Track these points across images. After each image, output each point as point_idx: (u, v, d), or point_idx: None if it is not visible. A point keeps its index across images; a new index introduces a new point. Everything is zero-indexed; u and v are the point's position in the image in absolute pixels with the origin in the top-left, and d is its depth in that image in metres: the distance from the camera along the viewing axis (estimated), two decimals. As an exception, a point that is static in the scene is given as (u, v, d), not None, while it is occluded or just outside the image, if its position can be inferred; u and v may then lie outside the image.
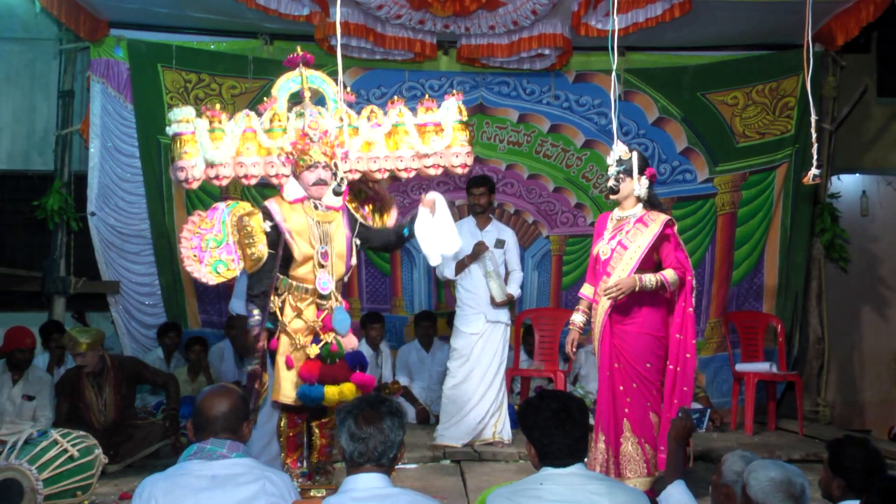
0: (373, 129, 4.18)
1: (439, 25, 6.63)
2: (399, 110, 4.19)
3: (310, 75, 4.22)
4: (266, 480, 2.50)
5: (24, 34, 7.43)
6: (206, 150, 3.98)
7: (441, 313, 7.22)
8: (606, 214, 4.60)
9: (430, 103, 4.20)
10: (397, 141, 4.17)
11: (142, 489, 2.52)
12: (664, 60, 7.27)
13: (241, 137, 4.05)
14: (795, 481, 2.54)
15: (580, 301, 4.66)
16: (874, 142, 8.14)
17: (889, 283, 8.27)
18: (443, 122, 4.17)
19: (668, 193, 7.25)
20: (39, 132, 7.56)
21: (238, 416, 2.65)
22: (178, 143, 4.01)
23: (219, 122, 4.06)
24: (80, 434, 4.50)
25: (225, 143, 4.01)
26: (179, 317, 6.98)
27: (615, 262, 4.37)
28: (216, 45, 7.00)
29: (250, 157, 4.05)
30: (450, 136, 4.16)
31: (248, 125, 4.08)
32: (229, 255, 3.99)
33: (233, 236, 3.99)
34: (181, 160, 4.00)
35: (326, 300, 4.06)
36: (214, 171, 4.00)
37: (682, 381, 4.41)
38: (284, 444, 4.19)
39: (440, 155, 4.16)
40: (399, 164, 4.17)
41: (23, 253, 7.62)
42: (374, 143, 4.17)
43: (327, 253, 4.05)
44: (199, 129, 4.01)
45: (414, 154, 4.16)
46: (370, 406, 2.46)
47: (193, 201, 6.96)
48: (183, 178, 4.02)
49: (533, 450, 2.59)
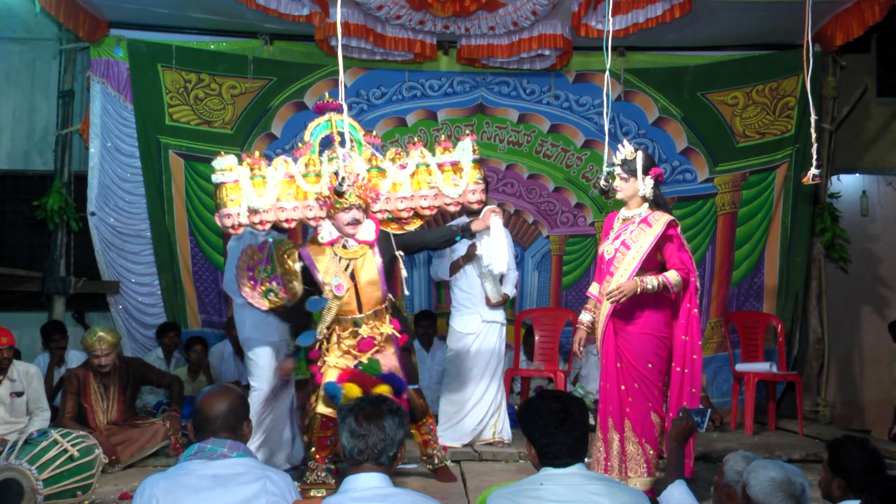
0: (399, 171, 4.49)
1: (439, 26, 6.64)
2: (421, 151, 4.52)
3: (339, 120, 4.45)
4: (266, 480, 2.50)
5: (24, 34, 7.44)
6: (250, 199, 4.23)
7: (441, 313, 7.22)
8: (614, 214, 4.60)
9: (446, 144, 4.55)
10: (420, 181, 4.50)
11: (142, 489, 2.51)
12: (664, 60, 7.27)
13: (281, 183, 4.30)
14: (795, 481, 2.54)
15: (588, 300, 4.64)
16: (874, 142, 8.14)
17: (889, 283, 8.28)
18: (460, 160, 4.50)
19: (668, 193, 7.21)
20: (39, 132, 7.56)
21: (237, 415, 2.64)
22: (223, 192, 4.24)
23: (259, 168, 4.29)
24: (81, 434, 4.51)
25: (267, 189, 4.27)
26: (179, 317, 6.98)
27: (618, 262, 4.37)
28: (216, 45, 7.00)
29: (290, 202, 4.31)
30: (468, 175, 4.50)
31: (287, 171, 4.33)
32: (278, 285, 4.43)
33: (279, 269, 4.43)
34: (227, 207, 4.24)
35: (360, 326, 4.43)
36: (258, 216, 4.26)
37: (689, 382, 4.43)
38: (315, 443, 4.53)
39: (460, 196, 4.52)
40: (423, 203, 4.50)
41: (23, 253, 7.62)
42: (400, 185, 4.49)
43: (342, 286, 4.36)
44: (242, 177, 4.25)
45: (436, 193, 4.50)
46: (371, 404, 2.48)
47: (194, 202, 6.98)
48: (230, 224, 4.28)
49: (533, 450, 2.59)
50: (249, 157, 4.30)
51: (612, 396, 4.35)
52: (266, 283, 4.41)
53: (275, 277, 4.41)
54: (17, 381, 5.22)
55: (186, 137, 6.94)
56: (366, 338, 4.41)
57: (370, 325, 4.43)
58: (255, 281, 4.41)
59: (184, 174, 6.95)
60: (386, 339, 4.46)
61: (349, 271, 4.38)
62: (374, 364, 4.36)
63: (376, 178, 4.44)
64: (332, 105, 4.46)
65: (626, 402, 4.32)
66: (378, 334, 4.44)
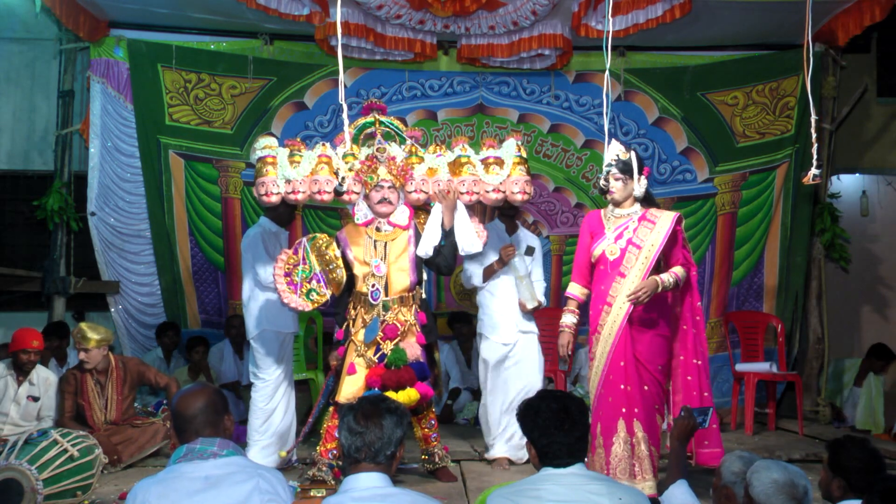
0: (437, 158, 4.61)
1: (439, 26, 6.64)
2: (462, 146, 4.64)
3: (383, 119, 4.67)
4: (259, 478, 2.47)
5: (24, 34, 7.44)
6: (285, 170, 4.44)
7: (441, 313, 7.22)
8: (597, 213, 4.55)
9: (492, 142, 4.69)
10: (460, 171, 4.60)
11: (134, 494, 2.46)
12: (664, 60, 7.27)
13: (317, 160, 4.46)
14: (798, 483, 2.54)
15: (568, 302, 4.56)
16: (874, 142, 8.15)
17: (889, 283, 8.28)
18: (503, 156, 4.63)
19: (668, 193, 7.26)
20: (39, 132, 7.56)
21: (216, 410, 2.58)
22: (260, 165, 4.48)
23: (298, 149, 4.50)
24: (81, 434, 4.51)
25: (302, 164, 4.45)
26: (179, 317, 6.98)
27: (629, 262, 4.32)
28: (216, 45, 7.00)
29: (324, 176, 4.44)
30: (509, 168, 4.61)
31: (323, 152, 4.50)
32: (318, 282, 4.50)
33: (318, 266, 4.50)
34: (262, 177, 4.46)
35: (388, 311, 4.51)
36: (291, 186, 4.44)
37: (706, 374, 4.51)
38: (324, 433, 4.59)
39: (502, 183, 4.60)
40: (461, 188, 4.58)
41: (23, 253, 7.62)
42: (437, 169, 4.60)
43: (381, 265, 4.52)
44: (281, 154, 4.48)
45: (475, 180, 4.58)
46: (370, 403, 2.48)
47: (194, 202, 6.98)
48: (263, 192, 4.47)
49: (533, 450, 2.60)
50: (290, 140, 4.55)
51: (618, 398, 4.27)
52: (306, 284, 4.48)
53: (314, 276, 4.48)
54: (36, 385, 5.26)
55: (186, 137, 6.94)
56: (391, 324, 4.47)
57: (395, 309, 4.51)
58: (294, 285, 4.47)
59: (184, 174, 6.95)
60: (409, 328, 4.53)
61: (383, 253, 4.53)
62: (399, 353, 4.42)
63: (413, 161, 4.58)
64: (377, 105, 4.71)
65: (634, 402, 4.26)
66: (401, 322, 4.51)
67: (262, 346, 5.05)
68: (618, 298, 4.30)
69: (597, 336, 4.36)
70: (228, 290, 7.02)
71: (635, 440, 4.24)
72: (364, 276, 4.55)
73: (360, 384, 4.45)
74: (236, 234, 6.88)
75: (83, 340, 5.18)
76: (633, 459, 4.22)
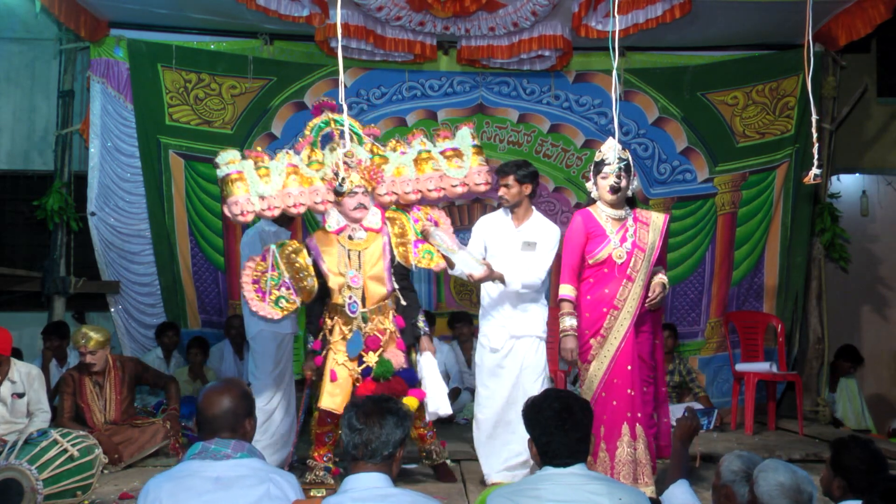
0: (402, 157, 4.56)
1: (439, 27, 6.63)
2: (421, 140, 4.60)
3: (337, 118, 4.53)
4: (271, 483, 2.47)
5: (24, 34, 7.44)
6: (256, 186, 4.30)
7: (440, 313, 7.23)
8: (588, 213, 4.43)
9: (445, 133, 4.62)
10: (424, 167, 4.57)
11: (146, 491, 2.49)
12: (664, 60, 7.27)
13: (286, 172, 4.36)
14: (804, 489, 2.53)
15: (564, 304, 4.35)
16: (874, 142, 8.15)
17: (889, 283, 8.28)
18: (460, 147, 4.58)
19: (668, 193, 7.26)
20: (39, 132, 7.56)
21: (238, 413, 2.58)
22: (227, 184, 4.31)
23: (262, 161, 4.36)
24: (80, 434, 4.49)
25: (272, 178, 4.33)
26: (179, 317, 6.97)
27: (636, 265, 4.30)
28: (216, 45, 6.99)
29: (296, 188, 4.36)
30: (469, 160, 4.56)
31: (290, 161, 4.39)
32: (287, 290, 4.41)
33: (287, 273, 4.40)
34: (233, 196, 4.29)
35: (367, 322, 4.43)
36: (265, 202, 4.31)
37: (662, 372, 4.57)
38: (314, 440, 4.57)
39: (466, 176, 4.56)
40: (429, 185, 4.55)
41: (23, 253, 7.62)
42: (404, 169, 4.56)
43: (357, 277, 4.41)
44: (247, 168, 4.33)
45: (441, 175, 4.54)
46: (373, 402, 2.49)
47: (194, 202, 6.97)
48: (238, 212, 4.30)
49: (534, 448, 2.60)
50: (252, 152, 4.38)
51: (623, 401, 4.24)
52: (275, 291, 4.38)
53: (283, 283, 4.39)
54: (17, 382, 5.22)
55: (186, 137, 6.93)
56: (372, 335, 4.42)
57: (374, 319, 4.45)
58: (262, 292, 4.38)
59: (184, 174, 6.95)
60: (390, 336, 4.48)
61: (357, 264, 4.42)
62: (386, 365, 4.37)
63: (379, 162, 4.52)
64: (329, 104, 4.57)
65: (637, 406, 4.25)
66: (381, 331, 4.45)
67: (261, 346, 5.05)
68: (627, 302, 4.27)
69: (599, 339, 4.31)
70: (228, 290, 7.02)
71: (638, 444, 4.22)
72: (339, 288, 4.42)
73: (347, 389, 4.40)
74: (236, 234, 6.87)
75: (88, 343, 5.17)
76: (635, 464, 4.21)
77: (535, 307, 4.70)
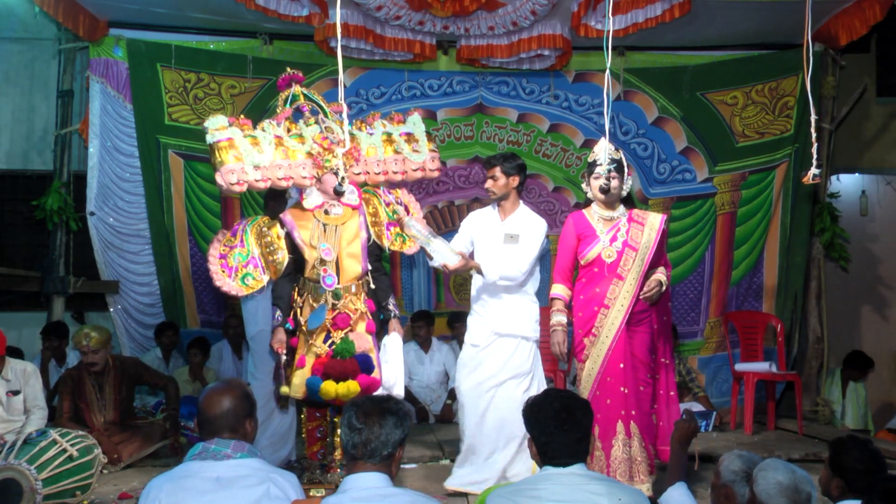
0: (371, 137, 4.60)
1: (439, 26, 6.63)
2: (381, 122, 4.66)
3: (305, 92, 4.56)
4: (271, 483, 2.48)
5: (24, 34, 7.43)
6: (251, 155, 4.24)
7: (440, 313, 7.22)
8: (581, 214, 4.48)
9: (399, 116, 4.71)
10: (388, 149, 4.62)
11: (147, 491, 2.50)
12: (664, 60, 7.27)
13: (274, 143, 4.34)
14: (802, 489, 2.54)
15: (554, 302, 4.42)
16: (873, 142, 8.14)
17: (889, 283, 8.27)
18: (413, 132, 4.67)
19: (667, 193, 7.26)
20: (39, 132, 7.55)
21: (239, 414, 2.60)
22: (217, 151, 4.23)
23: (248, 128, 4.33)
24: (80, 434, 4.50)
25: (263, 147, 4.28)
26: (178, 317, 6.97)
27: (626, 264, 4.32)
28: (215, 45, 6.99)
29: (285, 160, 4.33)
30: (424, 145, 4.65)
31: (275, 133, 4.36)
32: (255, 267, 4.36)
33: (257, 248, 4.37)
34: (230, 164, 4.20)
35: (339, 299, 4.31)
36: (259, 172, 4.25)
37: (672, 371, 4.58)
38: (306, 437, 4.52)
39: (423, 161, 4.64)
40: (393, 167, 4.59)
41: (22, 253, 7.62)
42: (373, 149, 4.59)
43: (330, 250, 4.31)
44: (236, 135, 4.26)
45: (403, 158, 4.61)
46: (374, 402, 2.49)
47: (193, 202, 6.97)
48: (234, 181, 4.20)
49: (534, 447, 2.60)
50: (234, 118, 4.36)
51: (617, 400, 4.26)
52: (242, 268, 4.33)
53: (251, 260, 4.35)
54: (12, 380, 5.22)
55: (186, 137, 6.93)
56: (342, 313, 4.31)
57: (346, 297, 4.33)
58: (229, 268, 4.32)
59: (183, 174, 6.94)
60: (360, 316, 4.38)
61: (334, 238, 4.34)
62: (348, 344, 4.26)
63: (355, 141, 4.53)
64: (296, 76, 4.61)
65: (631, 405, 4.26)
66: (352, 310, 4.36)
67: (261, 346, 5.03)
68: (617, 300, 4.30)
69: (591, 338, 4.34)
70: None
71: (633, 442, 4.24)
72: (314, 262, 4.31)
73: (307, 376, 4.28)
74: (236, 233, 6.87)
75: (90, 342, 5.17)
76: (630, 461, 4.22)
77: (521, 305, 4.56)
